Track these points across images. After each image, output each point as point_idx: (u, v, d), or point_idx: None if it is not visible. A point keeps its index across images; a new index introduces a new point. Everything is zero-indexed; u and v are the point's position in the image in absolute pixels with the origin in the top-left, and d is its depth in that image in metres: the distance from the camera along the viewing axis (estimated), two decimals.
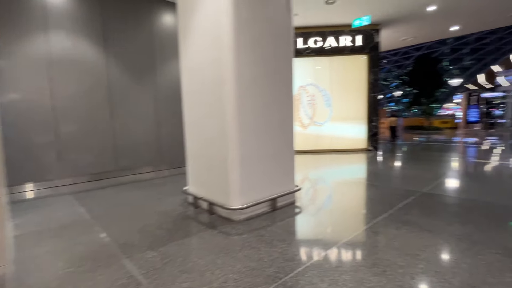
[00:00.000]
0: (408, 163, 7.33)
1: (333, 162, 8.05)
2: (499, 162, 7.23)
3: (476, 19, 9.39)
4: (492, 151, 9.45)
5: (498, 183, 4.93)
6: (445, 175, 5.54)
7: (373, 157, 8.60)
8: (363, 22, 7.40)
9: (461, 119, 20.01)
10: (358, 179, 5.76)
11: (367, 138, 9.80)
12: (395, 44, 12.16)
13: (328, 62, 9.70)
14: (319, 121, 9.89)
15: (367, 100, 9.69)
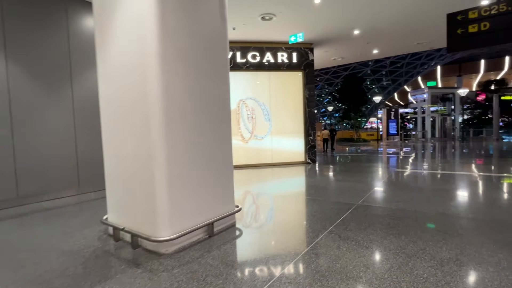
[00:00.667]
0: (343, 174, 7.69)
1: (274, 176, 8.01)
2: (416, 170, 8.10)
3: (390, 45, 10.69)
4: (409, 160, 10.64)
5: (417, 191, 5.40)
6: (375, 186, 5.88)
7: (311, 169, 8.85)
8: (297, 39, 7.69)
9: (383, 132, 22.54)
10: (299, 194, 5.73)
11: (305, 151, 10.12)
12: (326, 63, 13.11)
13: (267, 77, 9.85)
14: (259, 135, 9.87)
15: (304, 115, 10.06)
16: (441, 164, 9.39)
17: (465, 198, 4.89)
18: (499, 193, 5.05)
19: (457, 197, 4.96)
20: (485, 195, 5.02)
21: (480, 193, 5.20)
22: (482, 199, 4.72)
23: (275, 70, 9.78)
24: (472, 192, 5.29)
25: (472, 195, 5.04)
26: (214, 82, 3.54)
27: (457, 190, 5.41)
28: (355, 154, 13.80)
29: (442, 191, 5.27)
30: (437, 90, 23.56)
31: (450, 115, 22.37)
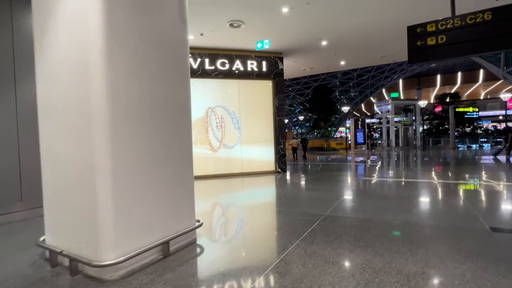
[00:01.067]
0: (312, 183, 7.64)
1: (243, 186, 7.77)
2: (382, 178, 8.28)
3: (356, 57, 11.09)
4: (376, 168, 10.95)
5: (383, 199, 5.44)
6: (343, 194, 5.85)
7: (281, 179, 8.74)
8: (264, 45, 7.62)
9: (351, 141, 23.31)
10: (267, 204, 5.53)
11: (275, 160, 10.02)
12: (296, 72, 13.30)
13: (236, 85, 9.70)
14: (229, 144, 9.62)
15: (274, 124, 10.00)
16: (404, 172, 9.73)
17: (428, 205, 4.98)
18: (458, 200, 5.22)
19: (420, 205, 5.05)
20: (446, 202, 5.16)
21: (441, 200, 5.34)
22: (443, 206, 4.83)
23: (244, 78, 9.66)
24: (434, 199, 5.42)
25: (434, 203, 5.16)
26: (172, 86, 3.26)
27: (420, 198, 5.53)
28: (325, 162, 14.00)
29: (407, 199, 5.35)
30: (400, 101, 24.99)
31: (412, 125, 23.73)
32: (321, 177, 8.96)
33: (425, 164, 12.03)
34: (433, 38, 4.49)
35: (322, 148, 24.28)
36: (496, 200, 5.31)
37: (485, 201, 5.29)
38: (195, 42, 8.57)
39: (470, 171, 9.31)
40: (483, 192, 6.00)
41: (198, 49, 9.10)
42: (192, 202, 3.55)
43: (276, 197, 6.21)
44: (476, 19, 4.18)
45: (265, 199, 6.10)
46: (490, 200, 5.35)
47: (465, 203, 4.97)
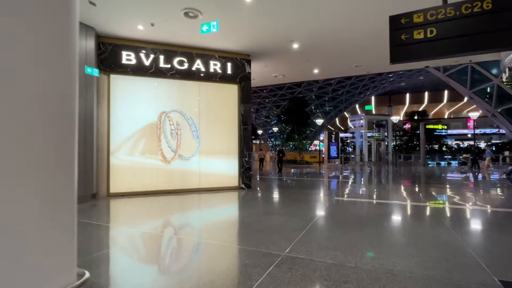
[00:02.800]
0: (277, 205, 6.51)
1: (195, 207, 6.47)
2: (356, 199, 7.35)
3: (329, 65, 10.36)
4: (349, 186, 10.09)
5: (357, 230, 4.40)
6: (310, 221, 4.76)
7: (243, 197, 7.54)
8: (211, 28, 6.46)
9: (325, 154, 22.76)
10: (212, 236, 4.28)
11: (239, 174, 8.83)
12: (268, 80, 12.37)
13: (196, 87, 8.50)
14: (185, 155, 8.31)
15: (238, 133, 8.85)
16: (380, 191, 8.92)
17: (413, 240, 4.00)
18: (447, 232, 4.30)
19: (403, 238, 4.06)
20: (434, 235, 4.21)
21: (427, 232, 4.40)
22: (433, 243, 3.87)
23: (206, 80, 8.50)
24: (419, 230, 4.47)
25: (419, 236, 4.19)
26: (43, 72, 1.99)
27: (402, 228, 4.57)
28: (297, 177, 13.01)
29: (386, 230, 4.36)
30: (373, 116, 25.07)
31: (384, 141, 23.73)
32: (290, 195, 7.88)
33: (401, 181, 11.39)
34: (420, 31, 3.62)
35: (296, 161, 23.49)
36: (494, 233, 4.46)
37: (480, 233, 4.42)
38: (147, 34, 7.32)
39: (449, 191, 8.69)
40: (475, 220, 5.18)
41: (151, 44, 7.84)
42: (71, 242, 2.24)
43: (228, 224, 4.99)
44: (473, 8, 3.35)
45: (213, 227, 4.85)
46: (487, 232, 4.49)
47: (457, 237, 4.04)
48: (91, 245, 3.70)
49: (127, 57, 7.64)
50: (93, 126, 6.85)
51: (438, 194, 8.03)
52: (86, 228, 4.51)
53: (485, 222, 4.99)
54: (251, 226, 4.60)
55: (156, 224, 4.93)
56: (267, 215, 5.31)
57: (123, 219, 5.49)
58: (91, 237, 4.10)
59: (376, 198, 7.47)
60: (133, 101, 7.83)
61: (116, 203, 6.75)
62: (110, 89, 7.60)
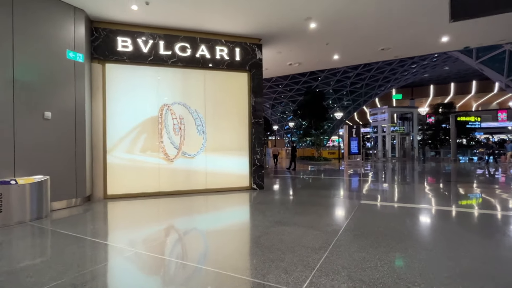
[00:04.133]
0: (293, 211, 5.51)
1: (198, 212, 5.60)
2: (386, 203, 6.22)
3: (352, 50, 9.13)
4: (376, 186, 8.91)
5: (397, 249, 3.34)
6: (335, 236, 3.74)
7: (254, 200, 6.60)
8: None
9: (345, 150, 21.42)
10: (211, 259, 3.37)
11: (250, 174, 7.89)
12: (282, 69, 11.30)
13: (201, 76, 7.61)
14: (189, 152, 7.46)
15: (249, 127, 7.90)
16: (413, 193, 7.71)
17: (489, 270, 2.90)
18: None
19: (472, 264, 2.97)
20: (502, 257, 3.09)
21: (499, 252, 3.28)
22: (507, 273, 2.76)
23: (212, 68, 7.59)
24: (486, 251, 3.36)
25: (493, 261, 3.08)
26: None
27: (461, 247, 3.46)
28: (314, 176, 11.91)
29: (439, 251, 3.27)
30: (396, 109, 23.34)
31: (409, 135, 22.03)
32: (307, 198, 6.86)
33: (435, 181, 10.06)
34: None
35: (313, 157, 22.28)
36: None
37: None
38: (143, 17, 6.49)
39: (489, 191, 7.35)
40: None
41: (149, 28, 7.01)
42: None
43: (232, 238, 4.06)
44: None
45: (214, 242, 3.94)
46: None
47: None
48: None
49: (123, 43, 6.85)
50: (84, 121, 6.11)
51: (485, 196, 6.74)
52: (57, 243, 3.73)
53: None
54: (259, 242, 3.64)
55: (150, 238, 4.08)
56: (280, 226, 4.33)
57: (108, 230, 4.69)
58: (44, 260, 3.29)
59: (411, 202, 6.31)
60: (131, 93, 7.05)
61: (112, 207, 6.00)
62: (105, 80, 6.85)
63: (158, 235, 4.13)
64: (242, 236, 4.06)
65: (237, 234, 4.15)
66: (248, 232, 4.19)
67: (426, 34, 7.95)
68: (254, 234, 4.03)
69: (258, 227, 4.33)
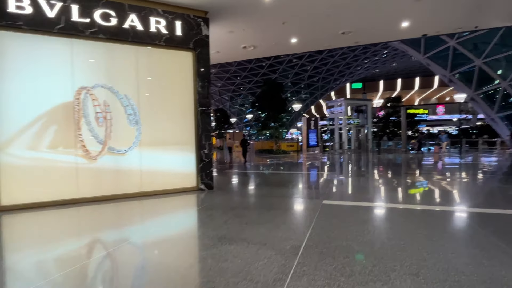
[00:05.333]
0: (244, 218, 4.48)
1: (123, 224, 4.27)
2: (353, 202, 5.52)
3: (311, 32, 8.32)
4: (338, 181, 8.32)
5: (372, 262, 2.50)
6: (294, 259, 2.79)
7: (200, 204, 5.47)
8: None
9: (303, 143, 21.13)
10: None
11: (197, 172, 6.69)
12: (236, 53, 10.13)
13: (133, 54, 6.15)
14: (119, 148, 6.01)
15: (195, 117, 6.66)
16: (375, 188, 7.22)
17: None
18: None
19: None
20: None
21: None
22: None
23: (146, 44, 6.17)
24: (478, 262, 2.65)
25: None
26: None
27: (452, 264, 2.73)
28: (272, 171, 11.08)
29: (420, 271, 2.48)
30: (352, 101, 23.71)
31: (364, 127, 22.51)
32: (263, 199, 5.90)
33: (395, 174, 9.84)
34: None
35: (272, 150, 21.64)
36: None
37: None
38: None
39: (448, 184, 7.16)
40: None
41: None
42: None
43: (158, 269, 2.88)
44: None
45: (130, 278, 2.73)
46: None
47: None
48: None
49: (18, 3, 5.11)
50: None
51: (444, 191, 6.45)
52: None
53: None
54: (189, 276, 2.52)
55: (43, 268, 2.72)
56: (224, 244, 3.26)
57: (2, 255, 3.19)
58: None
59: (374, 199, 5.71)
60: (33, 72, 5.35)
61: (8, 222, 4.40)
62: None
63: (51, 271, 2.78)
64: (172, 264, 2.91)
65: (167, 260, 2.98)
66: (179, 260, 3.04)
67: (387, 18, 7.43)
68: (186, 262, 2.91)
69: (195, 249, 3.21)
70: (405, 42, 22.02)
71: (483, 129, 35.93)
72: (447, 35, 19.24)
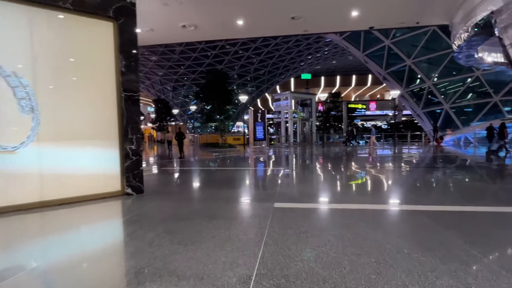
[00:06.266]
0: (172, 239, 3.50)
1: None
2: (308, 203, 4.94)
3: (259, 13, 7.54)
4: (289, 178, 7.80)
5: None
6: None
7: (123, 215, 4.29)
8: None
9: (250, 136, 20.57)
10: None
11: (122, 172, 5.41)
12: (174, 33, 8.79)
13: (25, 18, 4.54)
14: (4, 144, 4.42)
15: (118, 105, 5.34)
16: (327, 184, 6.86)
17: None
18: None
19: None
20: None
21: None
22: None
23: (44, 5, 4.62)
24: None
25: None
26: None
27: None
28: (216, 168, 10.14)
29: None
30: (298, 95, 23.93)
31: (308, 121, 22.93)
32: (202, 207, 4.96)
33: (346, 169, 9.77)
34: None
35: (217, 144, 20.59)
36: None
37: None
38: None
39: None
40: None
41: None
42: None
43: None
44: None
45: None
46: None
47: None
48: None
49: None
50: None
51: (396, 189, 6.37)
52: None
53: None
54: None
55: None
56: (145, 284, 2.27)
57: None
58: None
59: (328, 198, 5.25)
60: None
61: None
62: None
63: None
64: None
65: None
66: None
67: (337, 3, 7.03)
68: None
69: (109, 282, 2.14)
70: (347, 40, 22.89)
71: (407, 124, 40.33)
72: (383, 35, 20.49)
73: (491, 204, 4.71)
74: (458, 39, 7.23)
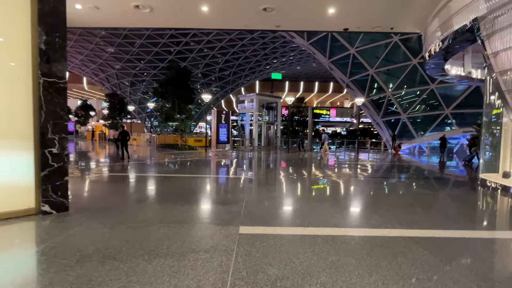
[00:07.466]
0: (97, 277, 2.38)
1: None
2: (285, 228, 4.07)
3: (227, 0, 6.59)
4: (256, 186, 6.90)
5: None
6: None
7: (32, 247, 2.99)
8: None
9: (212, 138, 19.39)
10: None
11: (37, 183, 4.04)
12: (126, 14, 7.41)
13: None
14: None
15: (34, 94, 3.98)
16: (306, 199, 6.08)
17: None
18: None
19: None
20: None
21: None
22: None
23: None
24: None
25: None
26: None
27: None
28: (170, 174, 8.89)
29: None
30: (264, 97, 23.31)
31: (273, 124, 22.43)
32: (142, 235, 3.81)
33: (320, 177, 9.14)
34: None
35: (177, 145, 19.05)
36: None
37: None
38: None
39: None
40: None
41: None
42: None
43: None
44: None
45: None
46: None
47: None
48: None
49: None
50: None
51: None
52: None
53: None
54: None
55: None
56: None
57: None
58: None
59: (305, 220, 4.45)
60: None
61: None
62: None
63: None
64: None
65: None
66: None
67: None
68: None
69: None
70: (313, 45, 22.87)
71: (364, 132, 42.22)
72: (348, 43, 20.77)
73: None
74: (433, 48, 7.09)
